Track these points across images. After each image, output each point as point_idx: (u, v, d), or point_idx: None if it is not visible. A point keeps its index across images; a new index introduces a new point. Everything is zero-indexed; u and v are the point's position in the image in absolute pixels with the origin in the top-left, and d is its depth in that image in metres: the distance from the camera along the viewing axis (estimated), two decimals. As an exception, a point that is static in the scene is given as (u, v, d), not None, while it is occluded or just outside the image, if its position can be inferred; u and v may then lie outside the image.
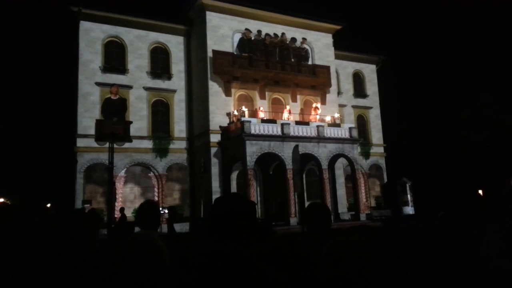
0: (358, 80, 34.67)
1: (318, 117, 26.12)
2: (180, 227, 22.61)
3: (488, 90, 34.89)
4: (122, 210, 18.61)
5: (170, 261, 2.02)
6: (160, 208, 3.46)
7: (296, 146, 13.83)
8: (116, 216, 18.63)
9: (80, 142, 23.39)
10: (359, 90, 34.41)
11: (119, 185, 24.11)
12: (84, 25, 24.91)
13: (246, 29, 26.36)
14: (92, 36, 25.06)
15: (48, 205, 36.90)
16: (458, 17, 53.75)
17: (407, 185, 29.10)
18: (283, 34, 27.29)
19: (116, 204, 21.94)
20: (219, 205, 1.92)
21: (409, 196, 28.49)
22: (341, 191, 26.89)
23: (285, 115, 25.33)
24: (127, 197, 24.97)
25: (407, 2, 64.55)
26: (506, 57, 39.22)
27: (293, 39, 27.68)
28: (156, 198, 25.24)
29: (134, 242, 1.94)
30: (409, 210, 28.24)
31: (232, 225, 1.85)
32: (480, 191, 31.25)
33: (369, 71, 35.33)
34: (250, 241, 1.89)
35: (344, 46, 32.70)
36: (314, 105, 27.24)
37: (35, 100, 37.22)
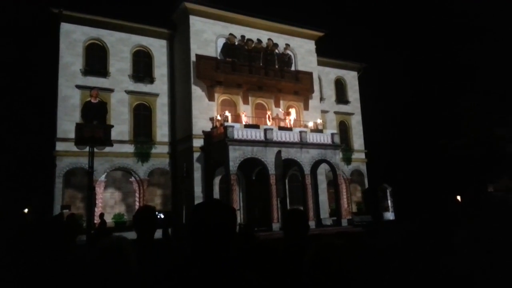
0: (340, 87, 35.09)
1: (291, 121, 26.18)
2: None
3: (468, 96, 35.74)
4: (102, 216, 18.32)
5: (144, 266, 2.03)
6: (157, 213, 3.45)
7: (279, 152, 13.90)
8: (95, 222, 18.30)
9: (60, 146, 22.93)
10: (341, 96, 34.83)
11: (99, 190, 23.69)
12: (65, 27, 24.52)
13: (231, 34, 26.41)
14: (73, 38, 24.68)
15: (26, 210, 35.99)
16: (439, 23, 55.05)
17: (388, 191, 29.47)
18: (268, 39, 27.45)
19: (96, 209, 21.55)
20: (199, 211, 1.92)
21: (389, 201, 28.87)
22: (323, 197, 27.07)
23: (269, 120, 25.40)
24: (107, 203, 24.55)
25: (389, 11, 65.79)
26: (488, 62, 40.30)
27: (277, 45, 27.88)
28: (137, 204, 24.90)
29: (98, 249, 1.97)
30: (390, 215, 28.59)
31: (212, 232, 1.84)
32: (458, 197, 31.90)
33: (351, 78, 35.82)
34: (230, 247, 1.89)
35: (326, 52, 33.07)
36: (288, 109, 27.33)
37: (13, 102, 36.38)
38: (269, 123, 25.17)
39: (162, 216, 18.42)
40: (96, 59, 25.28)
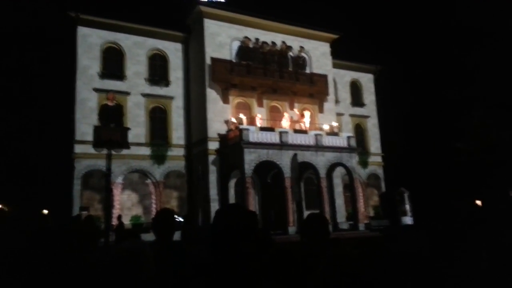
0: (355, 89, 34.77)
1: (305, 124, 26.01)
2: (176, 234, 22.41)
3: (485, 100, 35.02)
4: (119, 217, 18.50)
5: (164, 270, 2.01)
6: (176, 216, 3.48)
7: (295, 155, 13.81)
8: (113, 223, 18.49)
9: (78, 148, 23.25)
10: (357, 99, 34.51)
11: (117, 192, 23.93)
12: (82, 30, 24.91)
13: (245, 37, 26.44)
14: (90, 42, 25.05)
15: (45, 211, 36.59)
16: (456, 26, 54.17)
17: (405, 195, 29.08)
18: (282, 42, 27.38)
19: (113, 211, 21.80)
20: (220, 217, 1.91)
21: (407, 206, 28.46)
22: (340, 200, 26.79)
23: (284, 123, 25.28)
24: (125, 204, 24.77)
25: (404, 13, 65.05)
26: (504, 66, 39.45)
27: (291, 48, 27.78)
28: (153, 206, 25.07)
29: (117, 252, 1.97)
30: (408, 220, 28.19)
31: (234, 236, 1.84)
32: (479, 202, 31.24)
33: (366, 80, 35.47)
34: (251, 252, 1.87)
35: (341, 55, 32.82)
36: (303, 112, 27.17)
37: (32, 106, 37.12)
38: (284, 125, 25.05)
39: (181, 220, 18.46)
40: (112, 63, 25.60)
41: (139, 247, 2.03)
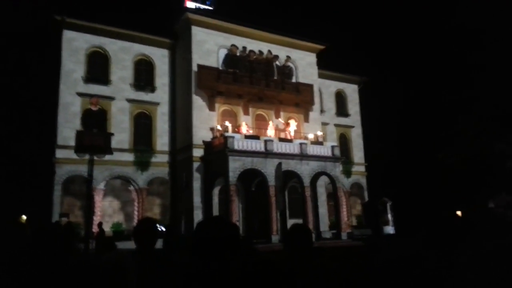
0: (340, 99, 35.19)
1: (291, 133, 26.19)
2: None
3: (468, 111, 35.77)
4: (100, 225, 18.16)
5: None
6: (158, 226, 3.42)
7: (280, 164, 13.83)
8: (94, 230, 18.15)
9: (59, 153, 22.84)
10: (342, 109, 34.91)
11: (98, 199, 23.54)
12: (68, 34, 24.64)
13: (233, 45, 26.52)
14: (75, 45, 24.78)
15: (24, 217, 35.71)
16: (440, 37, 55.38)
17: (388, 205, 29.33)
18: (268, 51, 27.56)
19: (94, 218, 21.42)
20: (202, 229, 1.91)
21: (389, 215, 28.71)
22: (323, 209, 26.91)
23: (269, 131, 25.35)
24: (106, 211, 24.37)
25: (389, 25, 66.32)
26: (489, 77, 40.41)
27: (277, 57, 27.99)
28: (135, 213, 24.73)
29: (98, 265, 1.98)
30: (390, 229, 28.41)
31: (215, 249, 1.85)
32: (459, 212, 31.73)
33: (351, 91, 35.95)
34: (232, 263, 1.88)
35: (327, 65, 33.21)
36: (289, 121, 27.36)
37: (13, 108, 36.39)
38: (270, 133, 25.12)
39: (163, 229, 18.22)
40: (97, 67, 25.35)
41: (119, 260, 2.02)
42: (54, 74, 24.67)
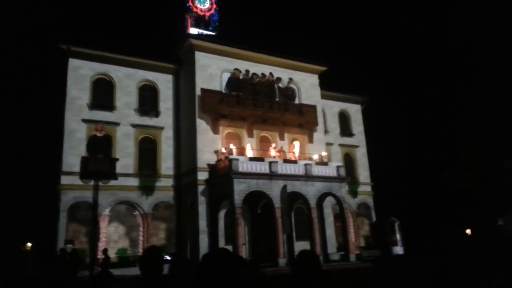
0: (344, 119, 35.26)
1: (295, 154, 26.14)
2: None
3: (472, 129, 35.67)
4: (105, 251, 18.04)
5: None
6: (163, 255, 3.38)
7: (285, 186, 13.75)
8: (99, 257, 17.99)
9: (64, 180, 22.88)
10: (345, 129, 34.92)
11: (103, 224, 23.42)
12: (73, 62, 25.08)
13: (235, 68, 26.83)
14: (81, 73, 25.18)
15: (29, 244, 35.55)
16: (442, 56, 55.78)
17: (396, 225, 28.97)
18: (270, 74, 27.82)
19: (100, 244, 21.26)
20: (208, 263, 1.90)
21: (398, 235, 28.30)
22: (330, 231, 26.56)
23: (273, 152, 25.32)
24: (111, 237, 24.19)
25: (390, 45, 67.02)
26: (491, 95, 40.45)
27: (280, 79, 28.23)
28: (141, 238, 24.52)
29: None
30: (399, 250, 27.96)
31: (221, 282, 1.84)
32: (468, 231, 31.24)
33: (354, 111, 36.05)
34: None
35: (329, 86, 33.46)
36: (292, 142, 27.38)
37: (19, 135, 36.74)
38: (273, 155, 25.08)
39: (168, 258, 18.06)
40: (102, 94, 25.67)
41: None
42: (60, 101, 25.01)
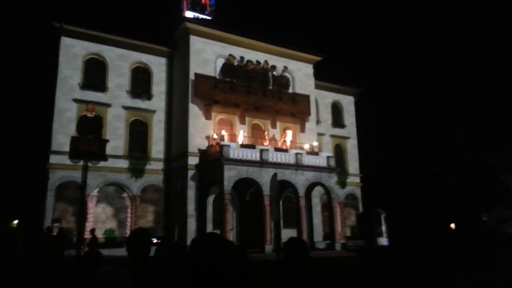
0: (336, 111, 35.37)
1: (287, 143, 26.24)
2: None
3: (462, 123, 36.03)
4: (92, 231, 18.07)
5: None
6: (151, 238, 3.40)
7: (275, 175, 13.79)
8: (86, 237, 18.02)
9: (53, 159, 22.75)
10: (337, 120, 35.06)
11: (91, 205, 23.40)
12: (65, 41, 24.70)
13: (230, 54, 26.68)
14: (73, 52, 24.83)
15: (15, 221, 35.34)
16: (435, 48, 55.99)
17: (382, 216, 29.38)
18: (265, 61, 27.72)
19: (87, 224, 21.25)
20: (197, 247, 1.93)
21: (383, 227, 28.73)
22: (317, 220, 26.87)
23: (264, 142, 25.39)
24: (99, 217, 24.21)
25: (384, 37, 67.01)
26: (484, 89, 40.80)
27: (275, 67, 28.15)
28: (128, 220, 24.59)
29: (95, 279, 1.95)
30: (384, 241, 28.40)
31: (210, 267, 1.88)
32: (453, 225, 31.78)
33: (347, 102, 36.16)
34: (228, 281, 1.90)
35: (323, 76, 33.44)
36: (285, 131, 27.45)
37: (8, 112, 36.26)
38: (265, 143, 25.16)
39: (155, 241, 18.12)
40: (94, 74, 25.38)
41: (118, 273, 2.00)
42: (51, 80, 24.67)
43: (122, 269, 2.10)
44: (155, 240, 18.57)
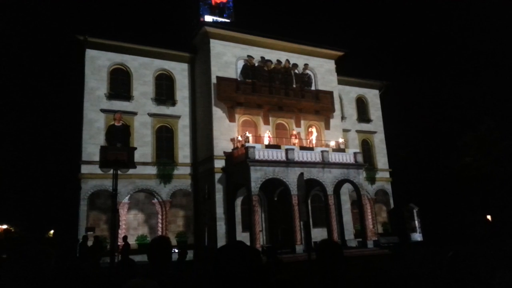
0: (361, 105, 34.76)
1: (313, 141, 25.98)
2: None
3: (491, 114, 34.79)
4: (125, 238, 18.40)
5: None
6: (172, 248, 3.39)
7: (301, 174, 13.67)
8: (119, 244, 18.38)
9: (84, 169, 23.36)
10: (363, 115, 34.46)
11: (123, 212, 23.89)
12: (90, 53, 25.34)
13: (249, 55, 26.69)
14: (98, 63, 25.45)
15: (51, 231, 36.58)
16: (461, 41, 54.32)
17: (414, 211, 28.68)
18: (286, 60, 27.57)
19: (120, 231, 21.71)
20: (223, 256, 1.88)
21: (416, 222, 28.03)
22: (347, 217, 26.47)
23: (291, 140, 25.24)
24: (131, 224, 24.71)
25: (409, 28, 65.48)
26: (510, 79, 39.26)
27: (296, 65, 27.96)
28: (159, 225, 24.95)
29: None
30: (417, 236, 27.73)
31: (236, 276, 1.84)
32: (489, 217, 30.70)
33: (372, 96, 35.47)
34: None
35: (346, 71, 32.96)
36: (309, 129, 27.18)
37: (40, 127, 37.51)
38: (292, 142, 25.01)
39: (176, 251, 18.19)
40: (120, 84, 25.92)
41: (146, 286, 2.01)
42: (78, 92, 25.38)
43: (150, 281, 2.10)
44: (175, 251, 18.58)
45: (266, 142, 24.10)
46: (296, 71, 28.00)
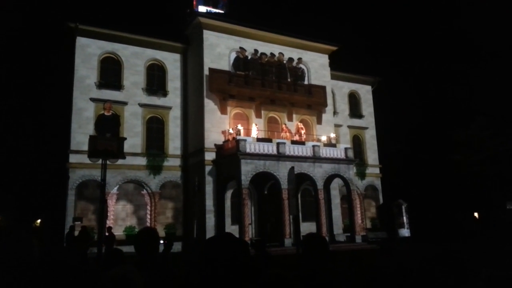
0: (353, 101, 34.82)
1: (304, 135, 25.94)
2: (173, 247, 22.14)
3: (483, 111, 35.11)
4: (109, 229, 18.22)
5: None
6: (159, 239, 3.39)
7: (292, 168, 13.65)
8: (107, 234, 18.24)
9: (73, 158, 23.08)
10: (355, 110, 34.53)
11: (111, 203, 23.69)
12: (81, 41, 24.94)
13: (241, 47, 26.48)
14: (88, 52, 25.05)
15: (38, 221, 36.25)
16: (454, 38, 54.62)
17: (403, 207, 28.94)
18: (280, 53, 27.44)
19: (108, 222, 21.56)
20: (212, 247, 1.85)
21: (405, 218, 28.29)
22: (337, 212, 26.59)
23: (282, 134, 25.19)
24: (119, 215, 24.53)
25: (402, 25, 65.66)
26: (502, 78, 39.63)
27: (290, 59, 27.84)
28: (148, 216, 24.83)
29: (107, 280, 1.96)
30: (405, 232, 28.00)
31: (224, 266, 1.82)
32: (476, 214, 31.08)
33: (365, 92, 35.54)
34: (243, 280, 1.80)
35: (340, 66, 32.94)
36: (302, 123, 27.09)
37: (29, 116, 36.98)
38: (283, 136, 24.97)
39: (162, 242, 18.17)
40: (110, 73, 25.58)
41: (130, 275, 1.98)
42: (68, 80, 24.99)
43: (133, 268, 2.08)
44: (161, 242, 18.60)
45: (254, 134, 23.98)
46: (289, 64, 27.88)
